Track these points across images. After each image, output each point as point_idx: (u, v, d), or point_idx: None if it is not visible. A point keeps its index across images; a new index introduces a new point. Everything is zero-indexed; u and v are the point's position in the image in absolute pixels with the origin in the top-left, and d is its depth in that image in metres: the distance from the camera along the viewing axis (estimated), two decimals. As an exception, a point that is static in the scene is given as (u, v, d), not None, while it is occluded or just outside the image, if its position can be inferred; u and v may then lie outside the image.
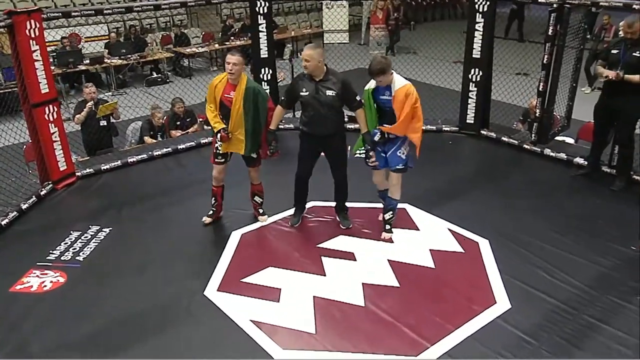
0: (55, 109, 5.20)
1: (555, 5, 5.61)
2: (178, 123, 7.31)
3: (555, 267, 4.16)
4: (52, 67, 10.30)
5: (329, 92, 4.26)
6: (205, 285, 4.00)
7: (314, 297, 3.87)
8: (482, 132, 6.63)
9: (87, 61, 11.00)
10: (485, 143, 6.55)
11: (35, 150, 5.22)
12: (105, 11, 5.28)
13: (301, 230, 4.72)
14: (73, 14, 5.14)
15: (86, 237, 4.61)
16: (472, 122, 6.63)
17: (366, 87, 4.38)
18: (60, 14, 5.17)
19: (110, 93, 11.19)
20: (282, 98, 4.51)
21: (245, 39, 12.20)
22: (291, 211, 4.88)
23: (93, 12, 5.31)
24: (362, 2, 15.06)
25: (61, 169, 5.39)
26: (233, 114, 4.41)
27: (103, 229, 4.72)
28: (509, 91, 7.47)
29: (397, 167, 4.44)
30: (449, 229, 4.70)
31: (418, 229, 4.73)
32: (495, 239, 4.53)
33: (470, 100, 6.57)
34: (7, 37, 4.82)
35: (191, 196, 5.29)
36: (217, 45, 12.54)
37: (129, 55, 11.52)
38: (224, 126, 4.45)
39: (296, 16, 16.05)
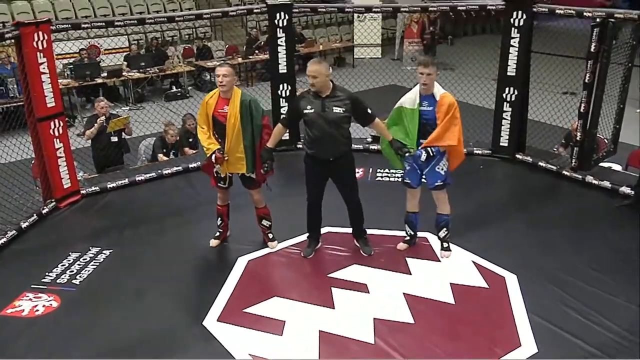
0: (61, 124, 5.33)
1: (598, 20, 5.51)
2: (190, 140, 7.42)
3: (591, 308, 4.01)
4: (69, 80, 10.70)
5: (337, 109, 4.23)
6: (205, 315, 3.99)
7: (319, 331, 3.82)
8: (517, 156, 6.52)
9: (105, 74, 11.32)
10: (520, 168, 6.43)
11: (39, 166, 5.35)
12: (116, 23, 5.45)
13: (312, 258, 4.70)
14: (83, 25, 5.30)
15: (85, 259, 4.68)
16: (506, 145, 6.53)
17: (397, 105, 4.41)
18: (69, 25, 5.30)
19: (127, 107, 11.47)
20: (283, 116, 4.49)
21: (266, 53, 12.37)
22: (302, 237, 4.86)
23: (103, 23, 5.51)
24: (397, 15, 15.10)
25: (65, 186, 5.51)
26: (229, 130, 4.40)
27: (103, 251, 4.79)
28: (553, 111, 7.33)
29: (436, 183, 4.49)
30: (473, 262, 4.61)
31: (439, 260, 4.65)
32: (525, 274, 4.41)
33: (504, 122, 6.48)
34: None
35: (199, 218, 5.33)
36: (240, 59, 12.75)
37: (149, 69, 11.82)
38: (219, 146, 4.44)
39: (326, 29, 16.21)
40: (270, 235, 4.87)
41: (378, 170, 6.35)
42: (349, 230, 4.85)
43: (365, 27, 14.08)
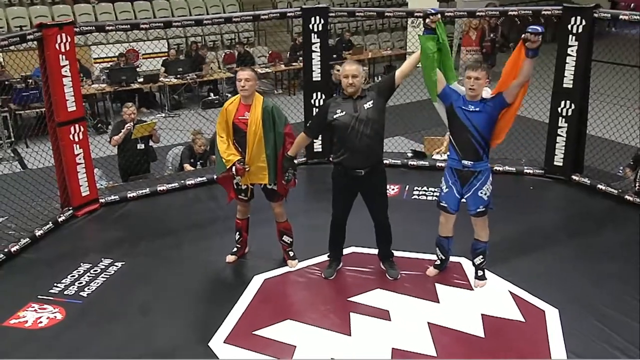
0: (82, 129, 5.55)
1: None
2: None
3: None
4: (104, 85, 11.13)
5: (367, 105, 4.26)
6: (212, 335, 4.05)
7: (331, 359, 3.81)
8: (573, 177, 6.34)
9: (141, 79, 11.71)
10: (576, 191, 6.25)
11: (57, 172, 5.57)
12: (142, 26, 5.62)
13: (333, 280, 4.70)
14: (107, 27, 5.52)
15: (95, 270, 4.83)
16: (561, 164, 6.37)
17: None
18: (93, 27, 5.53)
19: (162, 114, 11.81)
20: (309, 124, 4.50)
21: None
22: (325, 257, 4.87)
23: (129, 26, 5.68)
24: (455, 21, 15.00)
25: (83, 194, 5.72)
26: (250, 138, 4.46)
27: (115, 263, 4.93)
28: (619, 127, 7.11)
29: (478, 209, 4.41)
30: (510, 292, 4.51)
31: (472, 289, 4.57)
32: (568, 308, 4.28)
33: (558, 139, 6.33)
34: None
35: (219, 232, 5.43)
36: (283, 66, 12.94)
37: (186, 74, 12.14)
38: (240, 157, 4.51)
39: (377, 35, 16.27)
40: (291, 254, 4.90)
41: (415, 187, 6.31)
42: (375, 251, 4.84)
43: (419, 33, 14.06)
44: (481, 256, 4.59)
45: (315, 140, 6.73)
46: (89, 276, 4.74)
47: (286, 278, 4.76)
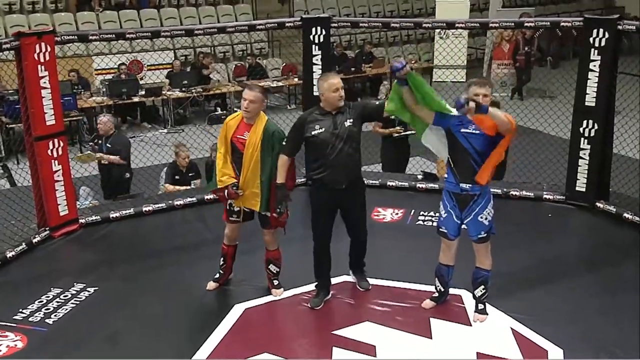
0: (62, 144, 5.70)
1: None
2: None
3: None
4: (103, 98, 11.39)
5: (347, 123, 4.41)
6: (182, 367, 4.11)
7: (305, 397, 3.84)
8: (598, 204, 6.28)
9: (143, 92, 11.95)
10: (599, 219, 6.20)
11: (34, 190, 5.72)
12: (127, 35, 5.78)
13: (319, 311, 4.72)
14: (90, 37, 5.68)
15: (66, 295, 4.92)
16: (583, 190, 6.32)
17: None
18: (75, 37, 5.70)
19: (165, 130, 12.03)
20: (284, 143, 4.59)
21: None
22: (311, 286, 4.91)
23: (114, 35, 5.83)
24: (487, 32, 15.03)
25: (62, 214, 5.85)
26: (246, 161, 4.55)
27: (87, 288, 5.02)
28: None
29: (479, 235, 4.45)
30: (512, 329, 4.48)
31: (470, 324, 4.55)
32: (574, 348, 4.24)
33: (581, 162, 6.29)
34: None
35: (204, 256, 5.49)
36: (296, 80, 13.10)
37: (192, 88, 12.36)
38: (234, 181, 4.58)
39: (401, 47, 16.38)
40: (276, 282, 4.94)
41: (422, 212, 6.31)
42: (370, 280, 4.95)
43: (447, 45, 14.05)
44: (482, 287, 4.57)
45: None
46: (57, 302, 4.83)
47: (269, 308, 4.79)
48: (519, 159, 8.23)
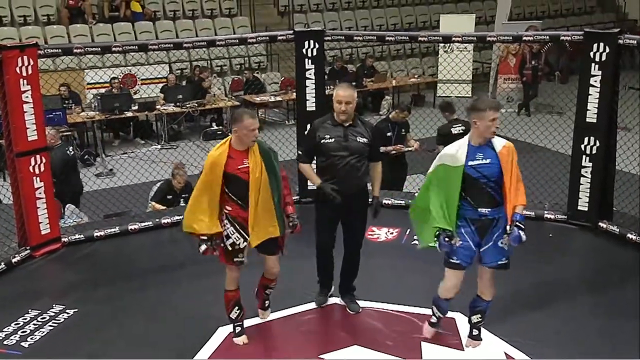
0: (44, 160, 5.74)
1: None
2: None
3: None
4: (94, 113, 11.46)
5: (361, 139, 4.60)
6: (161, 393, 4.11)
7: None
8: (601, 224, 6.29)
9: (136, 107, 12.02)
10: (602, 240, 6.20)
11: (15, 208, 5.75)
12: (113, 49, 5.84)
13: (307, 333, 4.76)
14: (75, 50, 5.73)
15: (44, 318, 4.93)
16: (586, 209, 6.32)
17: (438, 162, 4.27)
18: (59, 50, 5.77)
19: (158, 146, 12.08)
20: (300, 152, 4.81)
21: (331, 87, 12.69)
22: (300, 308, 4.96)
23: (99, 49, 5.90)
24: (493, 45, 15.09)
25: (43, 232, 5.88)
26: (254, 187, 4.28)
27: (67, 310, 5.03)
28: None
29: (500, 262, 4.35)
30: (506, 353, 4.49)
31: (462, 349, 4.55)
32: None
33: (583, 180, 6.30)
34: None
35: (190, 276, 5.54)
36: (295, 94, 13.11)
37: (187, 102, 12.43)
38: (220, 230, 4.35)
39: (405, 61, 16.46)
40: (267, 303, 4.91)
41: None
42: (362, 303, 4.99)
43: (452, 59, 14.08)
44: (479, 315, 4.52)
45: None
46: (35, 324, 4.85)
47: (254, 330, 4.78)
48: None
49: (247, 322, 4.84)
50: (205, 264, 5.61)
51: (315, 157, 4.83)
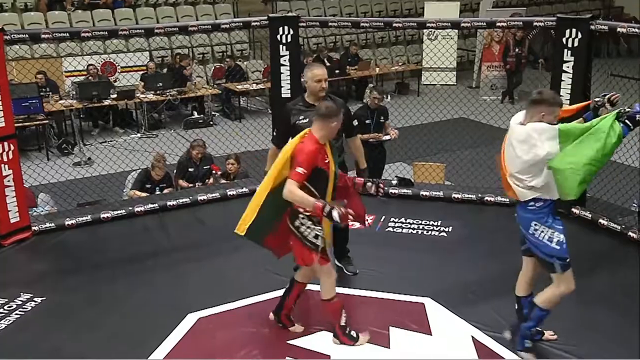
0: (12, 148, 5.74)
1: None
2: (191, 170, 7.76)
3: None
4: (72, 101, 11.43)
5: None
6: (126, 381, 4.14)
7: (252, 410, 3.88)
8: (573, 209, 6.35)
9: (115, 95, 11.99)
10: (575, 226, 6.18)
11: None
12: (82, 34, 5.82)
13: (274, 320, 4.75)
14: (42, 36, 5.71)
15: (10, 306, 4.96)
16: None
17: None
18: (26, 35, 5.75)
19: (138, 135, 12.06)
20: (275, 134, 4.91)
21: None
22: (272, 294, 4.99)
23: (68, 34, 5.88)
24: (477, 32, 15.13)
25: (12, 220, 5.88)
26: (332, 179, 4.33)
27: (34, 299, 5.05)
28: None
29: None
30: (473, 337, 4.55)
31: (430, 334, 4.60)
32: (538, 356, 4.29)
33: (553, 166, 6.34)
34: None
35: (161, 265, 5.59)
36: (276, 82, 13.11)
37: (167, 90, 12.41)
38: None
39: (389, 49, 16.48)
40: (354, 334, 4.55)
41: (392, 218, 6.38)
42: None
43: (436, 47, 14.14)
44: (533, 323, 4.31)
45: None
46: (1, 313, 4.87)
47: (223, 317, 4.83)
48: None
49: (214, 310, 4.91)
50: (174, 254, 5.71)
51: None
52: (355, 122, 4.88)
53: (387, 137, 7.86)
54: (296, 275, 4.61)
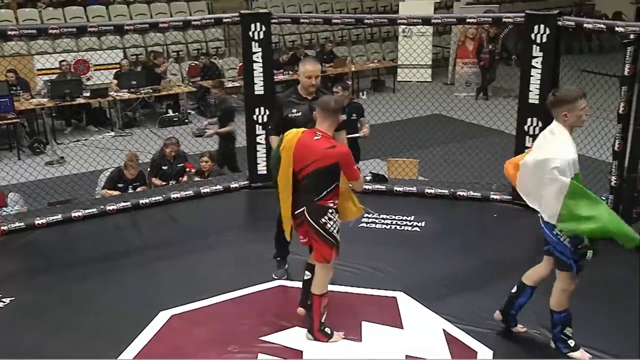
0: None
1: (632, 37, 5.49)
2: (165, 167, 7.76)
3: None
4: (44, 100, 11.31)
5: None
6: (98, 379, 4.14)
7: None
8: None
9: (88, 93, 11.89)
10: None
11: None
12: (50, 31, 5.77)
13: (248, 317, 4.79)
14: (9, 33, 5.61)
15: (-22, 306, 4.93)
16: (531, 190, 6.45)
17: (571, 171, 3.95)
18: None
19: (112, 133, 11.99)
20: (270, 126, 4.99)
21: (291, 72, 12.72)
22: (245, 291, 5.03)
23: (35, 31, 5.83)
24: (451, 29, 15.23)
25: (-18, 220, 5.84)
26: None
27: (3, 299, 5.02)
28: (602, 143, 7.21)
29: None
30: (444, 330, 4.60)
31: (402, 327, 4.65)
32: (506, 350, 4.38)
33: (527, 160, 6.42)
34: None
35: (133, 264, 5.58)
36: (252, 80, 13.10)
37: (141, 88, 12.33)
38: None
39: (365, 46, 16.53)
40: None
41: (365, 214, 6.40)
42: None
43: (411, 44, 14.13)
44: (560, 326, 4.34)
45: (259, 162, 7.02)
46: (-31, 312, 4.84)
47: (196, 314, 4.84)
48: (476, 159, 8.42)
49: (186, 307, 4.91)
50: (147, 252, 5.70)
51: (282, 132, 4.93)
52: (344, 116, 4.86)
53: (358, 135, 7.87)
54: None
